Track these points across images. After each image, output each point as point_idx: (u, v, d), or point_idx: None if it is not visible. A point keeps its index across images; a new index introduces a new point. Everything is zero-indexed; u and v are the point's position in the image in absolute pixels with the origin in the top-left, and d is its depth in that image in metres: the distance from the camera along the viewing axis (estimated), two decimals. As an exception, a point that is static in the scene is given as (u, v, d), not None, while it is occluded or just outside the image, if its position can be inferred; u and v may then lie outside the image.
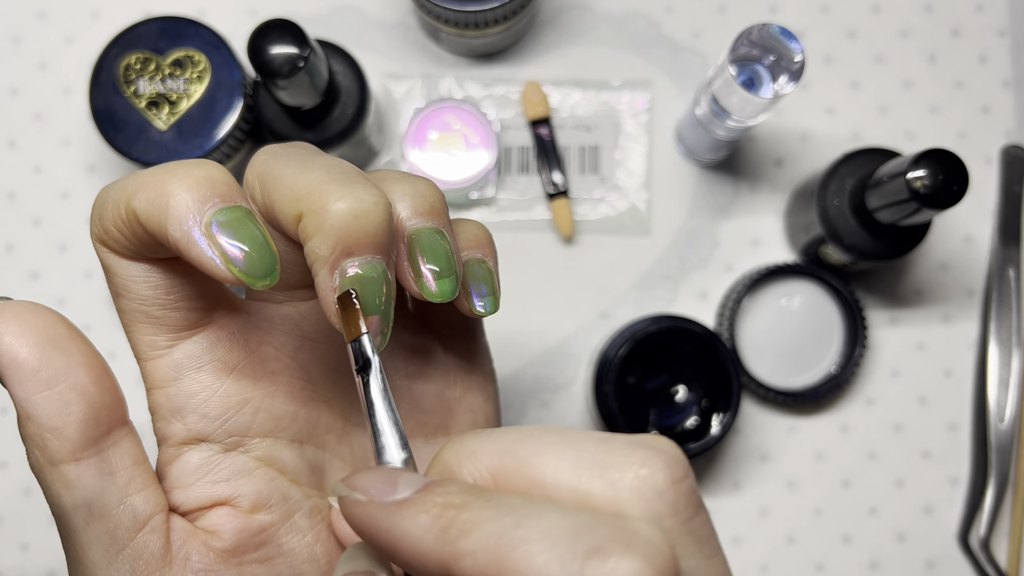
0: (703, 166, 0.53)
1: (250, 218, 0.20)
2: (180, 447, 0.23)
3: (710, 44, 0.54)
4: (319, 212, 0.20)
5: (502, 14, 0.47)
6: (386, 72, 0.53)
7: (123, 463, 0.22)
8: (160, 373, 0.23)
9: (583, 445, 0.19)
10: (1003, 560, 0.51)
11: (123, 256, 0.22)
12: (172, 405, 0.23)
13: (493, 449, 0.19)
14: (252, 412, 0.24)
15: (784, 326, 0.51)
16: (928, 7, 0.54)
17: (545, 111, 0.52)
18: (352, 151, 0.49)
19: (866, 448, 0.52)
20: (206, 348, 0.23)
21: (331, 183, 0.21)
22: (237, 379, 0.23)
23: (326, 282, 0.21)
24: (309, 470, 0.25)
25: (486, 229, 0.26)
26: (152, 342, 0.23)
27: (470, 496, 0.18)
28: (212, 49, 0.46)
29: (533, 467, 0.19)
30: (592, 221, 0.53)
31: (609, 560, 0.16)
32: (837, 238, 0.47)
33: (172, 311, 0.22)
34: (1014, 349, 0.51)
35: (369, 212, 0.20)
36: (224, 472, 0.23)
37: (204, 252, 0.20)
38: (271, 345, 0.24)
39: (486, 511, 0.17)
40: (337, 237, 0.20)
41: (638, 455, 0.18)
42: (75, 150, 0.52)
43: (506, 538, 0.17)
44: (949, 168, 0.41)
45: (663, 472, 0.18)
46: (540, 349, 0.52)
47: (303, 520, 0.24)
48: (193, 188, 0.20)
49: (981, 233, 0.53)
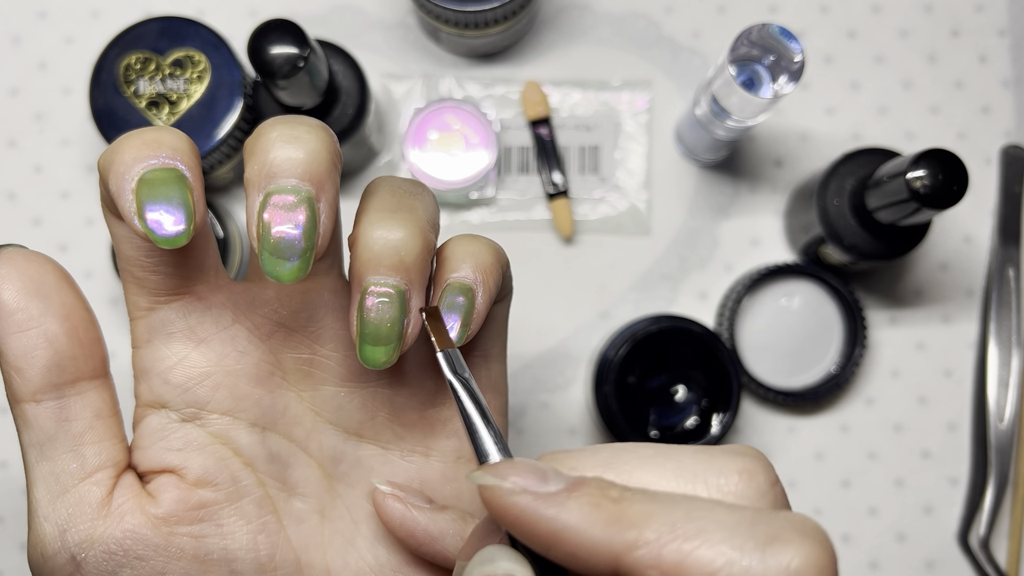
0: (703, 166, 0.53)
1: (177, 179, 0.21)
2: (145, 408, 0.24)
3: (710, 44, 0.54)
4: (253, 142, 0.22)
5: (502, 14, 0.47)
6: (386, 72, 0.53)
7: (83, 413, 0.23)
8: (138, 333, 0.24)
9: (680, 456, 0.19)
10: (1003, 560, 0.51)
11: (115, 215, 0.23)
12: (142, 366, 0.24)
13: (593, 463, 0.19)
14: (212, 387, 0.24)
15: (784, 326, 0.51)
16: (928, 7, 0.54)
17: (545, 111, 0.52)
18: (352, 151, 0.49)
19: (866, 448, 0.52)
20: (179, 316, 0.24)
21: (268, 124, 0.22)
22: (203, 352, 0.24)
23: (253, 205, 0.21)
24: (269, 458, 0.25)
25: (493, 250, 0.25)
26: (135, 302, 0.24)
27: (626, 490, 0.18)
28: (212, 49, 0.46)
29: (636, 479, 0.19)
30: (592, 221, 0.53)
31: (790, 546, 0.17)
32: (837, 238, 0.47)
33: (151, 274, 0.23)
34: (1014, 349, 0.51)
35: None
36: (176, 441, 0.24)
37: (125, 204, 0.21)
38: (244, 325, 0.24)
39: (652, 504, 0.18)
40: (262, 161, 0.21)
41: (738, 461, 0.19)
42: (75, 150, 0.52)
43: (681, 527, 0.17)
44: (949, 168, 0.41)
45: (763, 475, 0.19)
46: (540, 349, 0.52)
47: (251, 507, 0.24)
48: (139, 147, 0.21)
49: (981, 233, 0.53)
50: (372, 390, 0.26)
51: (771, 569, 0.17)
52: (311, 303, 0.25)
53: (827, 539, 0.18)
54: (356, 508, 0.26)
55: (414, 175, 0.51)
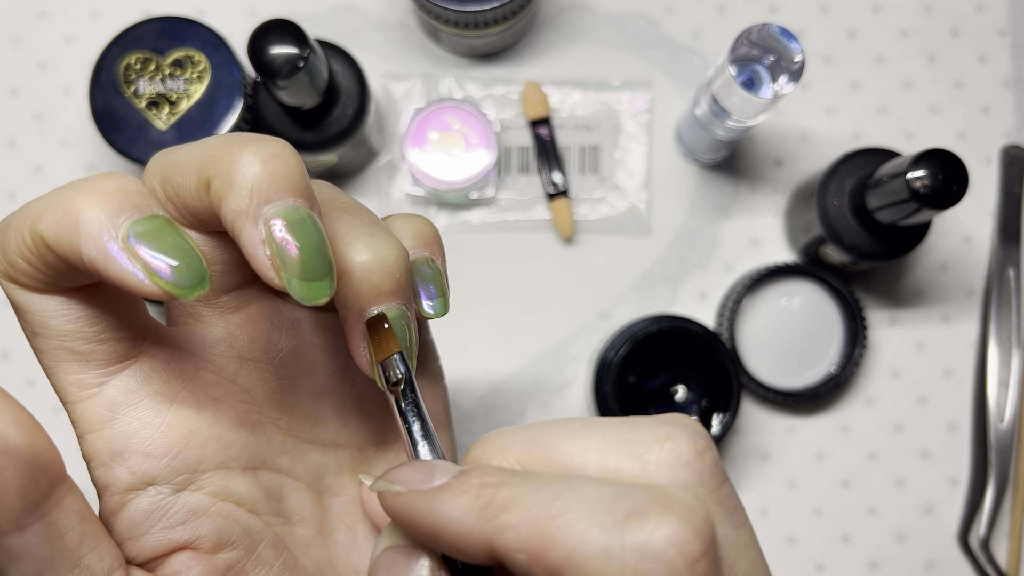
0: (703, 166, 0.53)
1: (171, 226, 0.19)
2: (126, 493, 0.21)
3: (710, 44, 0.54)
4: (226, 169, 0.19)
5: (502, 14, 0.47)
6: (386, 72, 0.53)
7: (70, 523, 0.19)
8: (93, 415, 0.21)
9: (607, 428, 0.19)
10: (1003, 560, 0.51)
11: (35, 290, 0.20)
12: (111, 448, 0.21)
13: (520, 440, 0.20)
14: (200, 444, 0.22)
15: (784, 326, 0.51)
16: (928, 7, 0.54)
17: (545, 111, 0.52)
18: (352, 151, 0.49)
19: (866, 448, 0.52)
20: (140, 381, 0.21)
21: (230, 142, 0.20)
22: (179, 411, 0.22)
23: (252, 236, 0.19)
24: (266, 497, 0.24)
25: (433, 226, 0.25)
26: (80, 381, 0.21)
27: (506, 475, 0.18)
28: (212, 49, 0.46)
29: (560, 452, 0.19)
30: (592, 221, 0.53)
31: (648, 521, 0.16)
32: (837, 238, 0.47)
33: (98, 344, 0.21)
34: (1014, 349, 0.51)
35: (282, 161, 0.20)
36: (179, 515, 0.22)
37: (125, 268, 0.18)
38: (208, 371, 0.23)
39: (523, 486, 0.18)
40: (251, 186, 0.19)
41: (661, 430, 0.19)
42: (75, 150, 0.52)
43: (545, 508, 0.17)
44: (949, 168, 0.41)
45: (687, 444, 0.19)
46: (540, 349, 0.52)
47: (268, 551, 0.23)
48: (104, 201, 0.18)
49: (981, 233, 0.53)
50: (340, 397, 0.25)
51: (627, 546, 0.16)
52: (261, 330, 0.24)
53: (698, 513, 0.17)
54: (348, 513, 0.26)
55: (414, 175, 0.51)
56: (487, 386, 0.52)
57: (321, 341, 0.25)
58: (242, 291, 0.23)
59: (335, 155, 0.48)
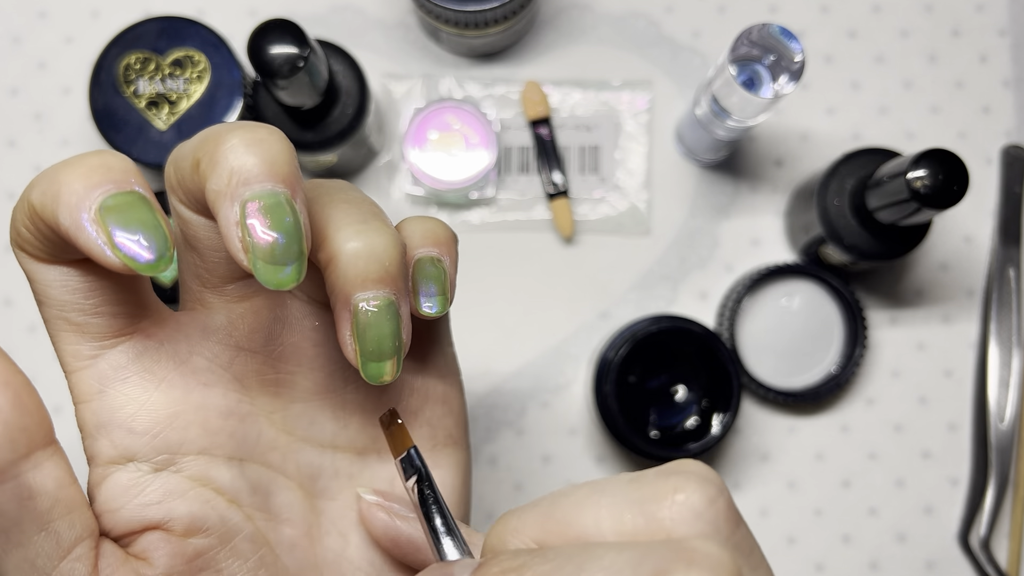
0: (703, 166, 0.53)
1: (142, 202, 0.19)
2: (108, 466, 0.22)
3: (710, 44, 0.54)
4: (212, 151, 0.20)
5: (502, 14, 0.47)
6: (386, 72, 0.53)
7: (45, 487, 0.20)
8: (85, 385, 0.22)
9: (615, 489, 0.19)
10: (1003, 560, 0.51)
11: (39, 259, 0.21)
12: (97, 420, 0.22)
13: (531, 518, 0.19)
14: (183, 427, 0.22)
15: (784, 326, 0.51)
16: (928, 7, 0.54)
17: (545, 111, 0.52)
18: (352, 151, 0.49)
19: (866, 448, 0.52)
20: (132, 358, 0.22)
21: (223, 127, 0.20)
22: (166, 391, 0.22)
23: (227, 216, 0.20)
24: (250, 490, 0.23)
25: (448, 228, 0.25)
26: (76, 352, 0.22)
27: (525, 557, 0.18)
28: (212, 49, 0.46)
29: (574, 523, 0.19)
30: (592, 221, 0.53)
31: None
32: (837, 238, 0.47)
33: (93, 317, 0.21)
34: (1014, 349, 0.51)
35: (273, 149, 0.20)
36: (154, 493, 0.22)
37: (91, 237, 0.19)
38: (202, 356, 0.23)
39: (545, 565, 0.17)
40: (232, 167, 0.19)
41: (670, 483, 0.18)
42: (75, 150, 0.52)
43: None
44: (949, 168, 0.41)
45: (697, 493, 0.18)
46: (540, 349, 0.52)
47: (245, 544, 0.23)
48: (85, 175, 0.19)
49: (981, 233, 0.53)
50: (341, 398, 0.25)
51: None
52: (264, 322, 0.24)
53: (722, 562, 0.17)
54: (341, 520, 0.25)
55: (414, 175, 0.51)
56: (488, 386, 0.52)
57: (325, 339, 0.25)
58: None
59: (335, 155, 0.48)
